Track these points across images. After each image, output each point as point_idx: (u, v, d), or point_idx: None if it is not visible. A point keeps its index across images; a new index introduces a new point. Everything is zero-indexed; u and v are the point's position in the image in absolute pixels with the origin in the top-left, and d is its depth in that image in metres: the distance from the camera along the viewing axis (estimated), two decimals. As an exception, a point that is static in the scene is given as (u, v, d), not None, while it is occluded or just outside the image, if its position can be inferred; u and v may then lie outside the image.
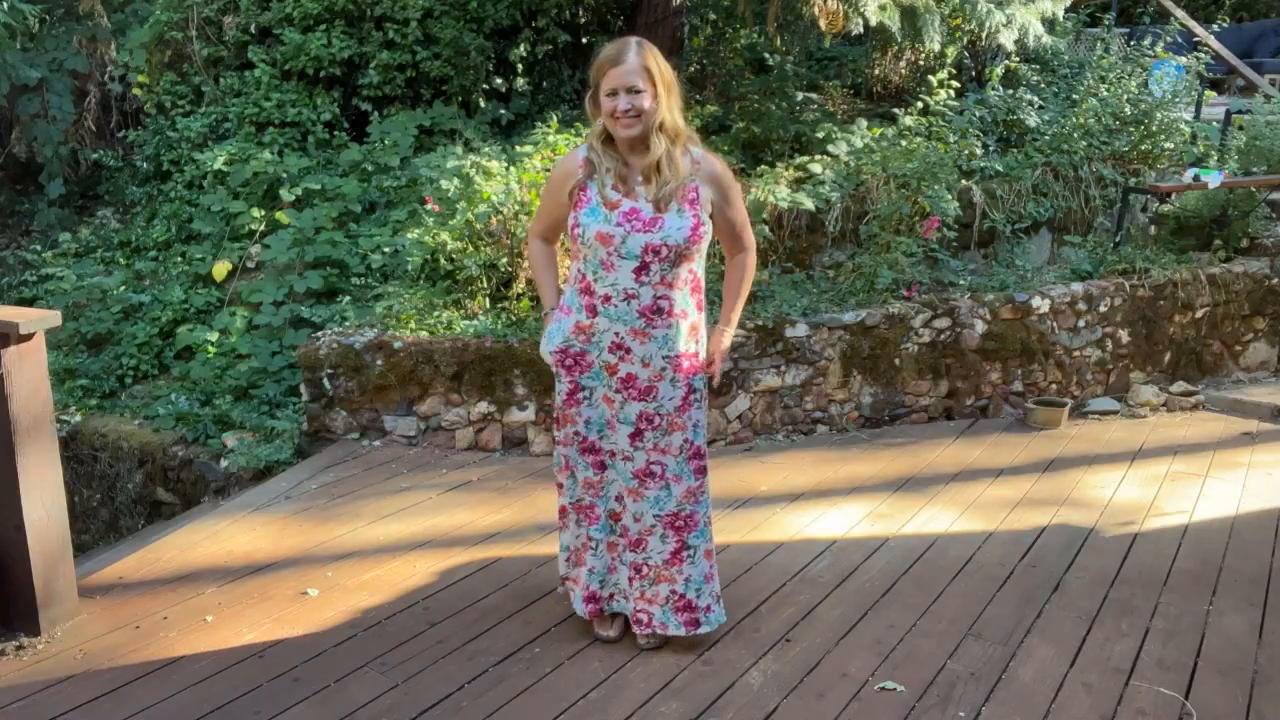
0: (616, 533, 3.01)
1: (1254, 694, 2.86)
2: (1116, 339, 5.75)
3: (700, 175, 2.79)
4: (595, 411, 2.90)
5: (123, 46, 8.15)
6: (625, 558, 3.02)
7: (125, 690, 2.82)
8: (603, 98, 2.68)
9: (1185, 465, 4.79)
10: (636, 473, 2.91)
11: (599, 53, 2.72)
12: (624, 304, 2.76)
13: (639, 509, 2.95)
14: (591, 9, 8.89)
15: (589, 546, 3.04)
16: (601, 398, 2.88)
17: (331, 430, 4.97)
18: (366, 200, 6.92)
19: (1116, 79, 7.25)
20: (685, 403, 2.87)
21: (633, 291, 2.75)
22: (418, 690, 2.84)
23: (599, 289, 2.78)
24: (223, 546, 3.83)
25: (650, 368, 2.82)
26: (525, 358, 4.85)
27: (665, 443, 2.89)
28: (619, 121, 2.67)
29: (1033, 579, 3.57)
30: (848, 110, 7.73)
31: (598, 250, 2.74)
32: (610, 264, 2.74)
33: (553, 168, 2.90)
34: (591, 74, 2.73)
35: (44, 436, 3.06)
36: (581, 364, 2.86)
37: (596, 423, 2.91)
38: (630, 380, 2.84)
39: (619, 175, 2.74)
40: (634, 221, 2.71)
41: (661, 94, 2.68)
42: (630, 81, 2.63)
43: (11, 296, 7.25)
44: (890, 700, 2.82)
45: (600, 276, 2.77)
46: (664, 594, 2.99)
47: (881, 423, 5.35)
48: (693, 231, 2.73)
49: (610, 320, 2.79)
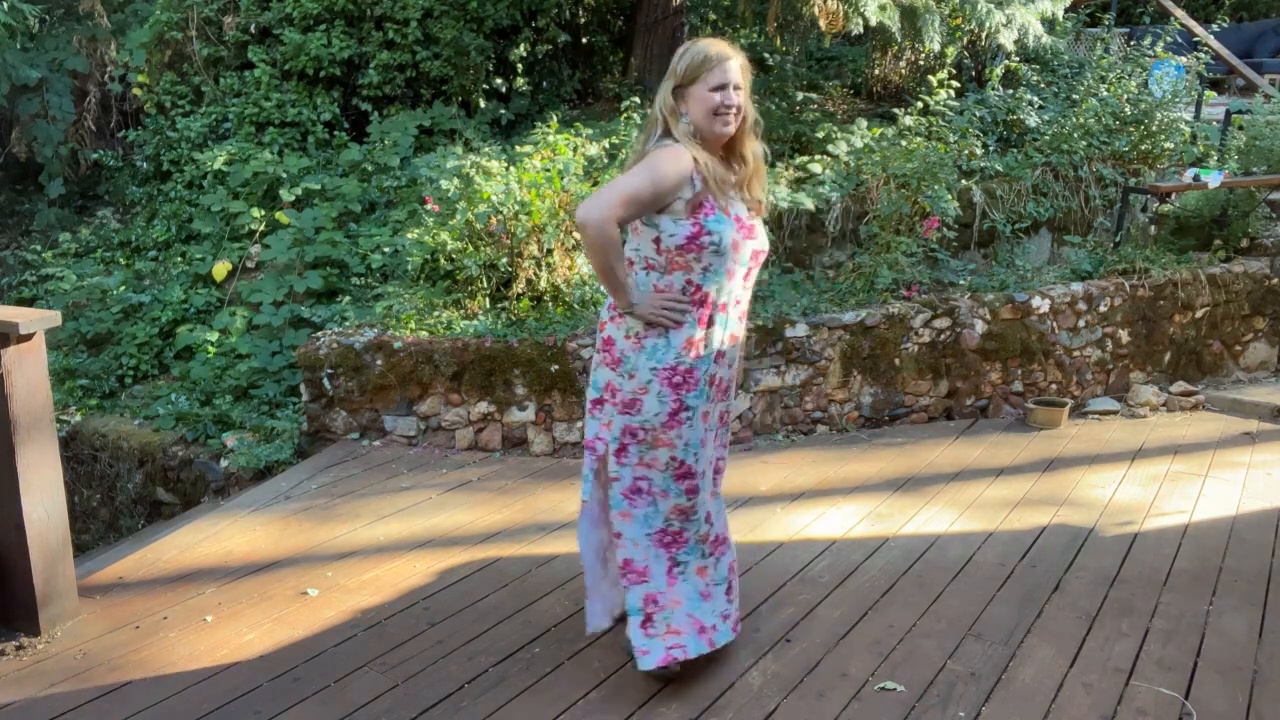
0: (708, 555, 2.88)
1: (1254, 694, 2.86)
2: (1116, 339, 5.75)
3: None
4: (694, 433, 2.72)
5: (123, 46, 8.16)
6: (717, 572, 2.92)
7: (125, 690, 2.82)
8: (705, 93, 2.58)
9: (1185, 465, 4.79)
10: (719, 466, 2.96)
11: (694, 50, 2.62)
12: (734, 309, 2.76)
13: (716, 506, 2.95)
14: (591, 9, 8.90)
15: (675, 576, 2.81)
16: (701, 415, 2.74)
17: (331, 430, 4.97)
18: (366, 200, 6.93)
19: (1116, 79, 7.25)
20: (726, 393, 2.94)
21: (739, 298, 2.77)
22: (418, 690, 2.84)
23: (719, 298, 2.69)
24: (223, 546, 3.83)
25: (733, 368, 2.86)
26: (525, 358, 4.85)
27: (725, 438, 2.96)
28: (720, 118, 2.60)
29: (1033, 579, 3.57)
30: (848, 110, 7.73)
31: (727, 259, 2.64)
32: (732, 272, 2.69)
33: (663, 162, 2.57)
34: (686, 70, 2.60)
35: (44, 436, 3.06)
36: (689, 381, 2.68)
37: (694, 445, 2.73)
38: (722, 384, 2.83)
39: (726, 182, 2.68)
40: (741, 227, 2.69)
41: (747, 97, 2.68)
42: (739, 79, 2.61)
43: (11, 296, 7.26)
44: (890, 700, 2.82)
45: (722, 286, 2.68)
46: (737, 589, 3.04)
47: (881, 423, 5.35)
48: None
49: (723, 329, 2.74)
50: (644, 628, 2.80)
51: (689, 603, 2.84)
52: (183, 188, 7.46)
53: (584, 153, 5.74)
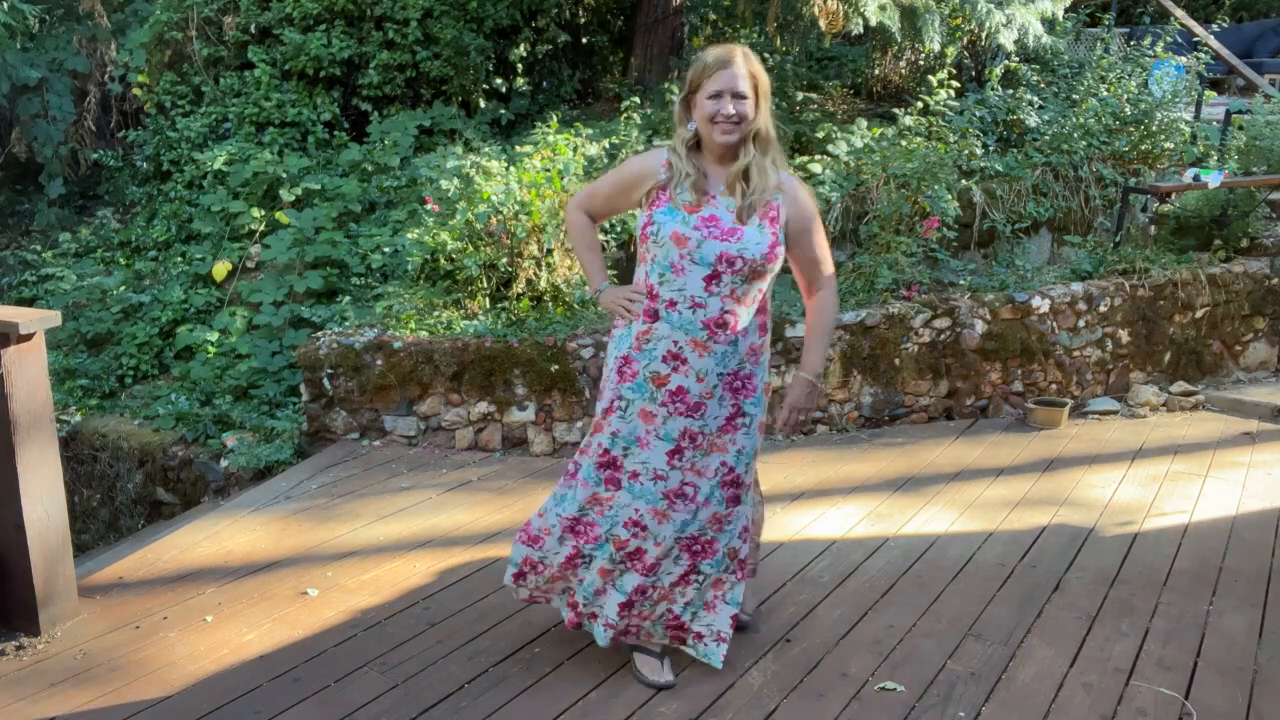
0: (616, 559, 2.78)
1: (1254, 694, 2.86)
2: (1116, 339, 5.75)
3: (785, 196, 2.70)
4: (626, 425, 2.72)
5: (123, 46, 8.16)
6: (624, 582, 2.79)
7: (125, 690, 2.82)
8: (704, 100, 2.59)
9: (1185, 465, 4.79)
10: (668, 493, 2.73)
11: (700, 57, 2.64)
12: (689, 312, 2.64)
13: (662, 532, 2.74)
14: (591, 9, 8.90)
15: (581, 562, 2.82)
16: (638, 412, 2.71)
17: (331, 430, 4.97)
18: (366, 200, 6.93)
19: (1116, 79, 7.25)
20: (730, 425, 2.75)
21: (700, 300, 2.63)
22: (418, 690, 2.84)
23: (664, 293, 2.66)
24: (223, 546, 3.83)
25: (704, 383, 2.68)
26: (525, 358, 4.85)
27: (703, 464, 2.74)
28: (718, 126, 2.59)
29: (1033, 579, 3.57)
30: (848, 110, 7.73)
31: (670, 251, 2.63)
32: (681, 268, 2.63)
33: (631, 159, 2.82)
34: (691, 76, 2.64)
35: (44, 436, 3.06)
36: (626, 373, 2.72)
37: (624, 437, 2.73)
38: (680, 394, 2.68)
39: (696, 186, 2.65)
40: (712, 228, 2.61)
41: (761, 104, 2.64)
42: (738, 86, 2.57)
43: (11, 296, 7.26)
44: (890, 700, 2.82)
45: (668, 280, 2.65)
46: (659, 612, 2.83)
47: (881, 423, 5.35)
48: (770, 249, 2.64)
49: (671, 327, 2.66)
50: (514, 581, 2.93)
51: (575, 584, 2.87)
52: (183, 188, 7.46)
53: (584, 153, 5.75)
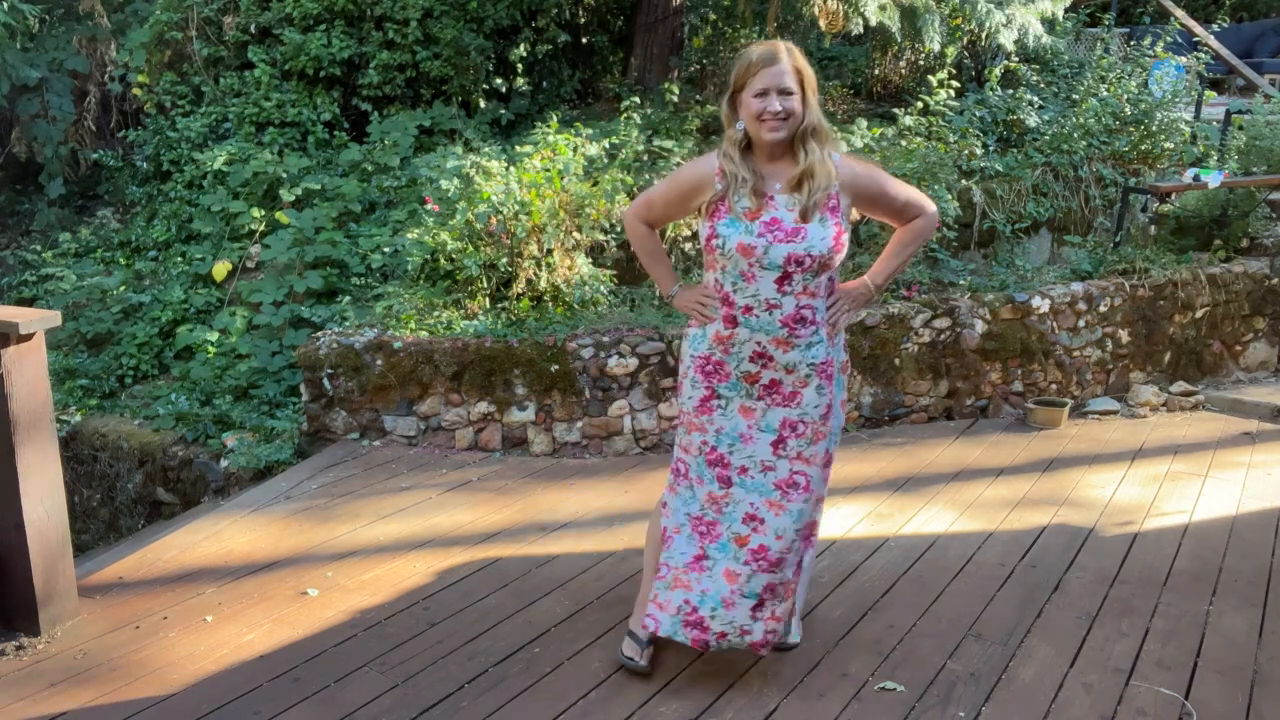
0: (741, 559, 2.79)
1: (1254, 694, 2.86)
2: (1116, 339, 5.75)
3: (840, 182, 2.68)
4: (729, 422, 2.78)
5: (123, 46, 8.16)
6: (753, 584, 2.78)
7: (125, 690, 2.82)
8: (750, 99, 2.59)
9: (1185, 465, 4.79)
10: (779, 483, 2.77)
11: (743, 55, 2.64)
12: (766, 314, 2.67)
13: (781, 524, 2.77)
14: (591, 9, 8.90)
15: (702, 567, 2.82)
16: (738, 409, 2.77)
17: (331, 430, 4.97)
18: (366, 200, 6.92)
19: (1116, 79, 7.25)
20: (830, 410, 2.79)
21: (775, 302, 2.66)
22: (418, 690, 2.84)
23: (739, 300, 2.69)
24: (223, 546, 3.83)
25: (795, 374, 2.73)
26: (525, 358, 4.85)
27: (810, 452, 2.78)
28: (765, 124, 2.58)
29: (1033, 579, 3.57)
30: (848, 110, 7.73)
31: (738, 262, 2.65)
32: (751, 275, 2.65)
33: (685, 167, 2.82)
34: (735, 75, 2.63)
35: (44, 436, 3.06)
36: (720, 373, 2.77)
37: (729, 434, 2.78)
38: (774, 386, 2.74)
39: (755, 190, 2.65)
40: (775, 232, 2.62)
41: (810, 98, 2.62)
42: (783, 83, 2.56)
43: (11, 296, 7.26)
44: (890, 700, 2.82)
45: (740, 288, 2.68)
46: (787, 609, 2.87)
47: (881, 422, 5.35)
48: (835, 241, 2.64)
49: (751, 330, 2.70)
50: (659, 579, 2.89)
51: (696, 594, 2.80)
52: (183, 188, 7.46)
53: (584, 153, 5.74)
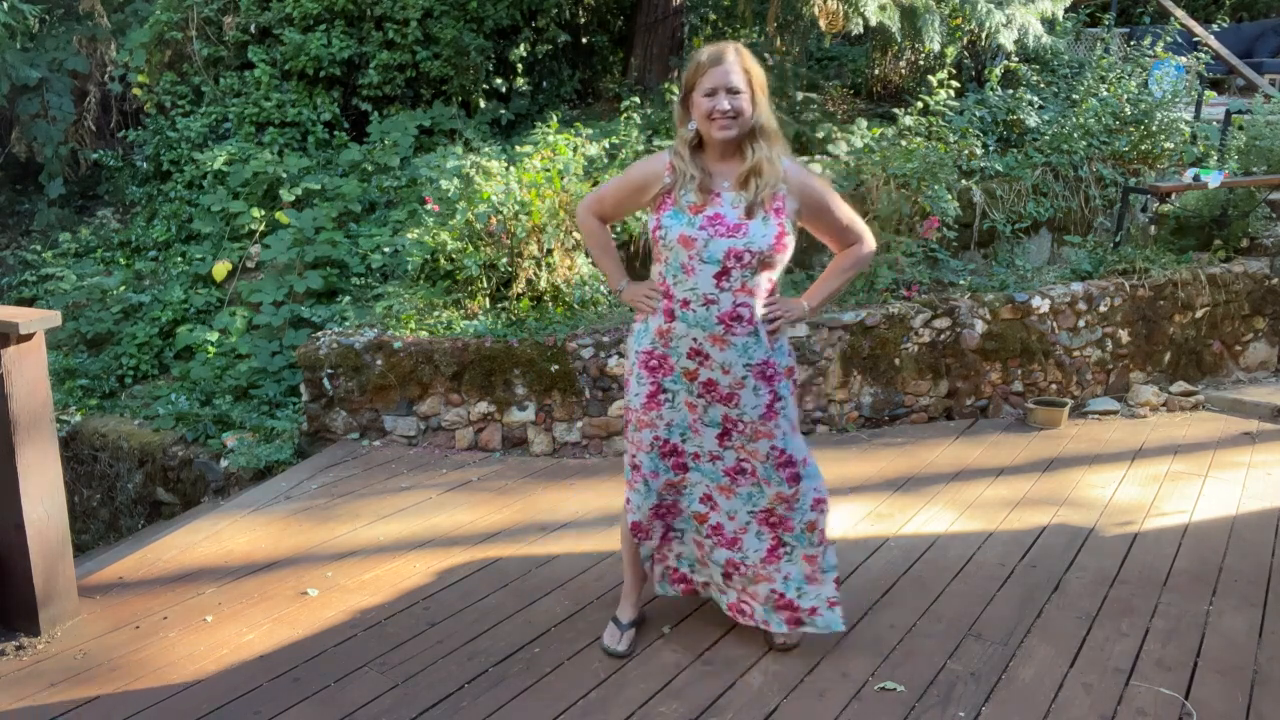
0: (703, 534, 2.99)
1: (1254, 694, 2.86)
2: (1116, 339, 5.75)
3: (789, 186, 2.73)
4: (678, 414, 2.86)
5: (123, 46, 8.16)
6: (716, 555, 3.00)
7: (125, 690, 2.82)
8: (700, 98, 2.65)
9: (1185, 465, 4.79)
10: (727, 470, 2.89)
11: (693, 56, 2.71)
12: (703, 309, 2.72)
13: (732, 506, 2.93)
14: (591, 9, 8.90)
15: (674, 536, 3.05)
16: (684, 402, 2.85)
17: (331, 430, 4.97)
18: (366, 200, 6.93)
19: (1116, 79, 7.25)
20: (770, 411, 2.81)
21: (712, 297, 2.71)
22: (418, 690, 2.84)
23: (678, 293, 2.75)
24: (223, 546, 3.83)
25: (730, 374, 2.77)
26: (525, 358, 4.85)
27: (751, 448, 2.85)
28: (715, 123, 2.63)
29: (1033, 579, 3.57)
30: (848, 110, 7.73)
31: (679, 253, 2.71)
32: (691, 268, 2.70)
33: (636, 164, 2.91)
34: (686, 77, 2.70)
35: (44, 436, 3.06)
36: (665, 366, 2.83)
37: (679, 426, 2.88)
38: (711, 385, 2.80)
39: (701, 186, 2.71)
40: (717, 226, 2.68)
41: (759, 98, 2.67)
42: (731, 82, 2.61)
43: (11, 296, 7.26)
44: (890, 700, 2.82)
45: (680, 280, 2.73)
46: (764, 592, 2.98)
47: (881, 423, 5.35)
48: (777, 240, 2.69)
49: (688, 325, 2.75)
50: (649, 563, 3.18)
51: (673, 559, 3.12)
52: (183, 188, 7.46)
53: (584, 153, 5.75)
